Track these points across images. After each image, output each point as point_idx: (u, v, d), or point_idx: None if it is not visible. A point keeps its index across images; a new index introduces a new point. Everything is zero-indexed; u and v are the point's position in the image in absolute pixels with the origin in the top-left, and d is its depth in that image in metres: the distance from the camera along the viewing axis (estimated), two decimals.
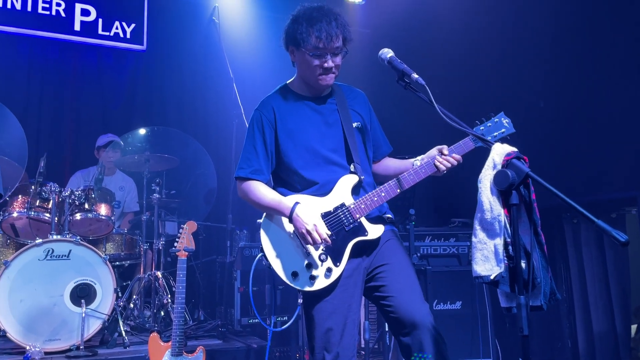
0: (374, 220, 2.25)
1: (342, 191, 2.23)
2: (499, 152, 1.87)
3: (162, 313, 4.41)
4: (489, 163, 1.89)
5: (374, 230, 2.22)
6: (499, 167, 1.85)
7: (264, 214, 2.28)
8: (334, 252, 2.17)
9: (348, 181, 2.25)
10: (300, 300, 2.32)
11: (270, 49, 5.58)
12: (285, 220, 2.21)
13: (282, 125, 2.29)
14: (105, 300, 3.90)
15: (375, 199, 2.21)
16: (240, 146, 4.82)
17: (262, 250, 2.24)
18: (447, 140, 2.31)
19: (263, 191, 2.25)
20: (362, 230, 2.21)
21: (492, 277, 1.81)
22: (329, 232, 2.16)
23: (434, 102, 2.05)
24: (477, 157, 2.17)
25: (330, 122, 2.31)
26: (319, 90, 2.34)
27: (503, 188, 1.79)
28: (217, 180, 5.16)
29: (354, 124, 2.33)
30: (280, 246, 2.22)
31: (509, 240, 1.82)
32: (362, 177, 2.25)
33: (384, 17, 6.23)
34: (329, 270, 2.16)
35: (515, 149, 1.89)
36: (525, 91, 5.02)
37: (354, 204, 2.20)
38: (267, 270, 4.42)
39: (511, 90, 5.13)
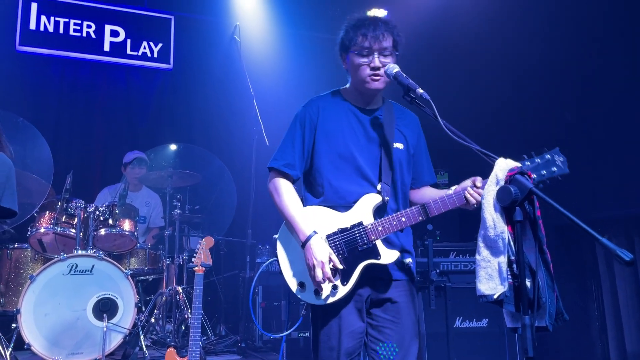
0: (390, 246, 2.17)
1: (364, 209, 2.16)
2: (502, 167, 1.82)
3: (183, 327, 4.45)
4: (491, 179, 1.84)
5: (388, 255, 2.13)
6: (502, 183, 1.80)
7: (284, 221, 2.25)
8: (344, 270, 2.11)
9: (371, 200, 2.17)
10: (303, 312, 2.25)
11: (289, 64, 5.68)
12: None
13: (322, 125, 2.26)
14: (126, 314, 3.96)
15: (395, 222, 2.12)
16: (259, 161, 4.87)
17: (276, 256, 2.22)
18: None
19: (288, 200, 2.19)
20: (375, 253, 2.12)
21: (495, 297, 1.76)
22: (341, 267, 2.10)
23: (439, 117, 2.02)
24: None
25: (371, 136, 2.25)
26: (368, 97, 2.30)
27: (506, 204, 1.74)
28: (237, 196, 5.21)
29: (395, 144, 2.25)
30: (292, 255, 2.18)
31: (513, 258, 1.76)
32: (386, 199, 2.17)
33: (406, 28, 6.22)
34: (335, 287, 2.10)
35: (519, 165, 1.84)
36: (550, 102, 4.92)
37: (372, 224, 2.13)
38: (283, 286, 4.44)
39: (535, 101, 5.04)
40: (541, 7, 4.95)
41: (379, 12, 6.39)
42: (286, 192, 2.21)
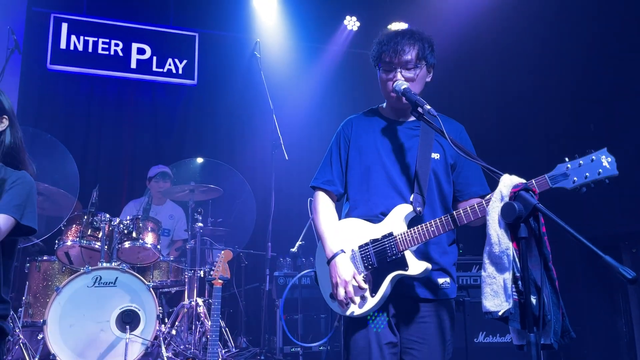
0: (422, 258, 2.13)
1: (395, 220, 2.15)
2: (507, 183, 1.82)
3: (204, 339, 4.50)
4: (496, 195, 1.84)
5: (416, 267, 2.08)
6: (507, 199, 1.79)
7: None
8: (373, 281, 2.12)
9: (402, 211, 2.16)
10: (336, 323, 2.31)
11: (308, 79, 5.76)
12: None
13: (354, 140, 2.33)
14: (148, 326, 4.04)
15: (424, 232, 2.08)
16: (278, 175, 4.92)
17: (314, 268, 2.31)
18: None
19: (322, 217, 2.28)
20: (403, 264, 2.09)
21: (500, 313, 1.75)
22: (364, 286, 2.11)
23: (445, 133, 2.02)
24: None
25: (406, 147, 2.26)
26: (402, 111, 2.32)
27: (510, 221, 1.74)
28: (257, 210, 5.28)
29: (433, 155, 2.23)
30: (325, 267, 2.22)
31: (518, 274, 1.75)
32: (419, 210, 2.14)
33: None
34: (364, 298, 2.11)
35: (524, 181, 1.83)
36: (575, 114, 4.86)
37: (402, 235, 2.11)
38: (300, 300, 4.46)
39: (560, 112, 4.98)
40: (565, 19, 4.91)
41: (400, 26, 6.43)
42: (321, 209, 2.30)
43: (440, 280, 2.19)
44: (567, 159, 1.88)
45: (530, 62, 5.21)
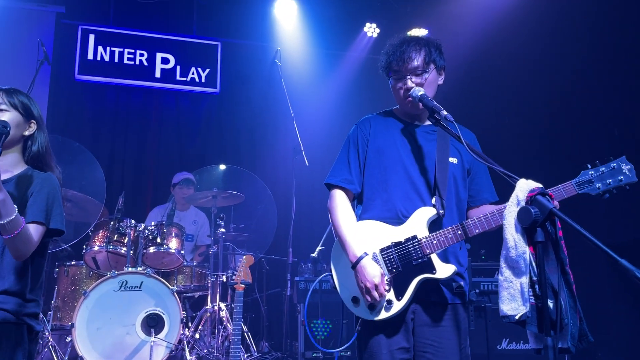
0: (447, 261, 2.14)
1: (418, 223, 2.15)
2: (523, 188, 1.83)
3: (227, 343, 4.57)
4: (512, 200, 1.85)
5: (443, 270, 2.09)
6: (523, 203, 1.81)
7: (337, 238, 2.27)
8: (398, 284, 2.10)
9: (425, 214, 2.16)
10: (358, 328, 2.19)
11: (328, 85, 5.82)
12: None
13: (373, 141, 2.31)
14: (172, 330, 4.11)
15: (450, 236, 2.09)
16: (299, 181, 4.96)
17: (330, 271, 2.25)
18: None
19: (342, 218, 2.22)
20: (430, 268, 2.09)
21: (517, 317, 1.76)
22: (386, 289, 2.10)
23: (462, 138, 2.05)
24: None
25: (425, 150, 2.27)
26: (417, 115, 2.34)
27: (526, 225, 1.75)
28: (277, 215, 5.34)
29: (451, 159, 2.26)
30: (344, 271, 2.19)
31: (535, 278, 1.76)
32: (442, 213, 2.16)
33: (448, 49, 6.26)
34: (390, 302, 2.09)
35: (540, 185, 1.84)
36: (598, 118, 4.81)
37: (427, 238, 2.11)
38: (320, 304, 4.49)
39: (582, 117, 4.94)
40: (591, 21, 4.88)
41: (419, 32, 6.45)
42: (342, 209, 2.24)
43: (456, 284, 2.21)
44: (589, 166, 1.99)
45: (552, 66, 5.18)
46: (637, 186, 1.89)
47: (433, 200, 2.19)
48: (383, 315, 2.10)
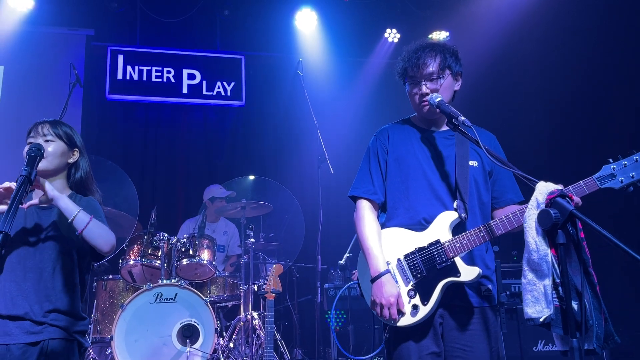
0: (471, 264, 2.16)
1: (440, 228, 2.18)
2: (542, 190, 1.84)
3: (261, 351, 4.64)
4: (532, 202, 1.87)
5: (468, 272, 2.11)
6: (543, 206, 1.82)
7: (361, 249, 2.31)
8: (423, 289, 2.12)
9: (447, 218, 2.19)
10: (386, 334, 2.20)
11: (350, 93, 5.88)
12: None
13: (392, 150, 2.34)
14: (207, 339, 4.21)
15: (473, 238, 2.11)
16: (325, 189, 5.01)
17: (358, 279, 2.30)
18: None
19: (367, 231, 2.25)
20: (455, 271, 2.11)
21: (541, 319, 1.77)
22: (404, 311, 2.12)
23: (480, 143, 2.07)
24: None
25: (444, 155, 2.30)
26: (434, 121, 2.37)
27: (547, 227, 1.76)
28: (305, 223, 5.41)
29: (471, 162, 2.28)
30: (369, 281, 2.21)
31: (558, 280, 1.77)
32: (464, 216, 2.18)
33: (471, 51, 6.25)
34: (415, 307, 2.11)
35: (560, 187, 1.85)
36: (619, 110, 4.74)
37: (450, 241, 2.13)
38: (350, 311, 4.52)
39: (599, 123, 4.89)
40: (614, 20, 4.82)
41: (440, 35, 6.45)
42: (367, 222, 2.27)
43: (484, 287, 2.21)
44: (610, 160, 1.98)
45: (575, 67, 5.12)
46: None
47: (455, 205, 2.21)
48: (410, 320, 2.12)
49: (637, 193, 1.97)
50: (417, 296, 2.12)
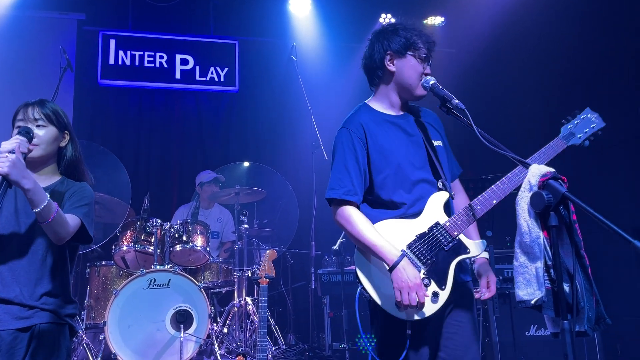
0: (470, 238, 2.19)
1: (434, 210, 2.15)
2: (535, 173, 1.84)
3: (255, 337, 4.65)
4: (525, 185, 1.86)
5: (475, 247, 2.13)
6: (535, 188, 1.81)
7: (356, 247, 2.18)
8: (437, 274, 2.07)
9: (439, 199, 2.17)
10: (408, 332, 2.06)
11: (344, 78, 5.84)
12: None
13: (373, 142, 2.21)
14: (201, 325, 4.21)
15: (472, 213, 2.12)
16: (319, 175, 4.99)
17: (360, 284, 2.13)
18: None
19: (362, 227, 2.11)
20: (463, 248, 2.10)
21: (533, 302, 1.77)
22: (428, 295, 2.05)
23: (474, 126, 2.06)
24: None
25: (414, 139, 2.27)
26: (402, 104, 2.32)
27: (539, 210, 1.76)
28: (299, 209, 5.40)
29: (435, 142, 2.29)
30: (379, 278, 2.10)
31: (550, 263, 1.77)
32: (453, 194, 2.22)
33: (466, 36, 6.22)
34: (435, 294, 2.05)
35: (552, 169, 1.84)
36: (618, 100, 4.73)
37: (449, 221, 2.11)
38: (344, 296, 4.53)
39: (608, 101, 4.87)
40: (611, 7, 4.79)
41: (436, 20, 6.41)
42: (357, 221, 2.13)
43: (465, 263, 2.25)
44: (563, 121, 2.25)
45: (571, 51, 5.10)
46: None
47: (440, 184, 2.23)
48: (434, 308, 2.05)
49: (637, 176, 2.00)
50: (433, 283, 2.06)
